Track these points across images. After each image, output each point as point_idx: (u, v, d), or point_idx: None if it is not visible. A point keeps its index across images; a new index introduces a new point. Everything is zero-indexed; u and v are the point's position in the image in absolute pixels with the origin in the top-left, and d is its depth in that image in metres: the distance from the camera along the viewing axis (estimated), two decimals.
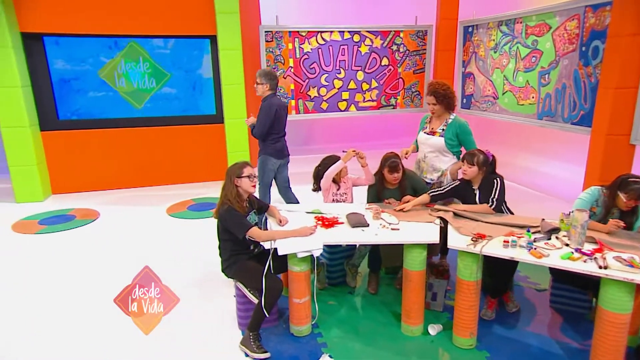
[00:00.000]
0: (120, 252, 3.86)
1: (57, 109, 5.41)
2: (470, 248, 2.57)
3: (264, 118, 3.89)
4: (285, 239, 2.69)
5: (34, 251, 3.89)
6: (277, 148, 4.01)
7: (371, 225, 2.91)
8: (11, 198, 5.28)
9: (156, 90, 5.67)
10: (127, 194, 5.58)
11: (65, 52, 5.28)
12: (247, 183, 2.77)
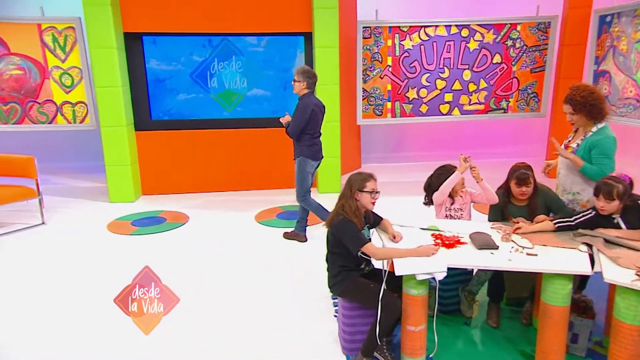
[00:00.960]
0: (210, 259, 4.07)
1: (151, 108, 5.93)
2: (636, 285, 2.33)
3: (299, 117, 4.01)
4: (403, 258, 2.66)
5: (128, 252, 4.23)
6: (314, 149, 4.15)
7: (501, 248, 2.77)
8: (105, 197, 5.83)
9: (247, 92, 5.98)
10: (215, 198, 5.89)
11: (161, 51, 5.76)
12: (368, 199, 2.77)
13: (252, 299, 3.37)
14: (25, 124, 5.78)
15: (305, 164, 4.14)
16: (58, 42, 5.53)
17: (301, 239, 4.43)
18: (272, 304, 3.31)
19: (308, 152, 4.13)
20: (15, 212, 5.22)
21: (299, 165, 4.16)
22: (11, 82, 5.59)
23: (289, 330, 3.01)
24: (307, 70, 4.10)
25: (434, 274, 2.61)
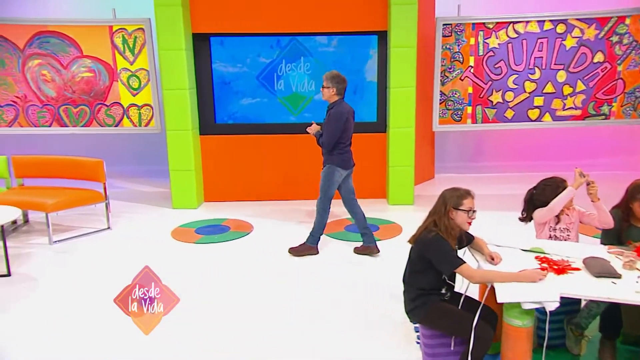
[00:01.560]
0: (276, 273, 4.04)
1: (216, 112, 6.09)
2: None
3: (335, 127, 4.06)
4: (505, 283, 2.48)
5: (193, 261, 4.31)
6: (345, 158, 4.17)
7: (624, 277, 2.51)
8: (168, 203, 6.02)
9: (315, 95, 5.99)
10: (279, 206, 5.92)
11: (228, 52, 5.89)
12: (464, 218, 2.63)
13: (323, 322, 3.28)
14: (93, 126, 6.11)
15: (334, 172, 4.19)
16: (127, 44, 5.82)
17: (373, 251, 4.34)
18: (342, 324, 3.21)
19: (339, 160, 4.17)
20: (81, 216, 5.51)
21: (327, 173, 4.20)
22: (82, 84, 5.95)
23: (363, 355, 2.90)
24: (337, 75, 4.13)
25: (543, 303, 2.41)
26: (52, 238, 4.68)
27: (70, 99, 5.98)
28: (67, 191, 4.97)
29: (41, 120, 6.03)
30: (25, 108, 5.99)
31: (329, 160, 4.18)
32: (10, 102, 5.96)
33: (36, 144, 7.13)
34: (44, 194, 4.82)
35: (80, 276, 3.99)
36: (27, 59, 5.83)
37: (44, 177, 5.26)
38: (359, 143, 5.99)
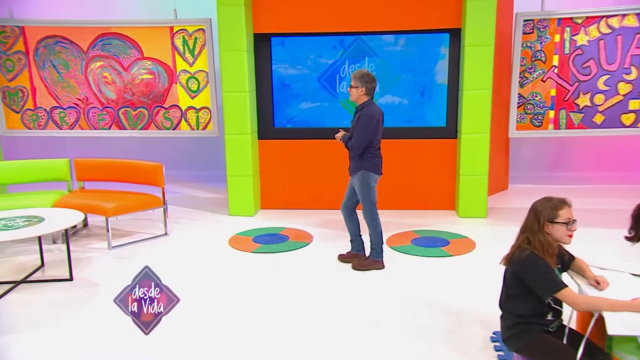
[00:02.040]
0: (335, 285, 3.93)
1: (275, 115, 6.11)
2: None
3: (366, 130, 4.00)
4: (616, 312, 2.25)
5: (251, 271, 4.28)
6: (377, 163, 4.13)
7: None
8: (224, 210, 6.07)
9: (379, 98, 5.86)
10: (339, 216, 5.70)
11: (289, 53, 5.88)
12: (563, 232, 2.40)
13: (394, 343, 3.13)
14: (150, 129, 6.30)
15: (368, 177, 4.12)
16: (187, 45, 5.95)
17: (379, 266, 4.28)
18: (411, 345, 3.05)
19: (371, 165, 4.11)
20: (138, 221, 5.65)
21: (362, 180, 4.13)
22: (141, 86, 6.14)
23: None
24: (366, 74, 4.05)
25: None
26: (111, 243, 4.81)
27: (129, 102, 6.19)
28: (127, 195, 5.09)
29: (101, 122, 6.27)
30: (86, 110, 6.26)
31: (361, 165, 4.12)
32: (72, 104, 6.25)
33: (93, 146, 7.45)
34: (104, 197, 4.96)
35: None
36: (90, 61, 6.09)
37: (104, 181, 5.44)
38: (426, 150, 5.86)
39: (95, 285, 3.99)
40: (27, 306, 3.65)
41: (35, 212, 4.25)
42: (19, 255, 4.62)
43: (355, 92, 4.07)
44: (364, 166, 4.10)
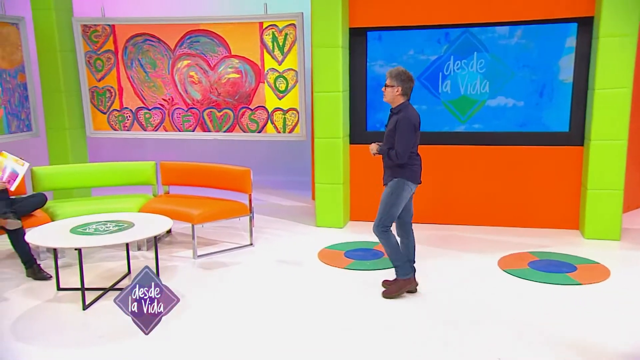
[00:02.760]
0: (437, 309, 3.69)
1: (367, 118, 5.93)
2: None
3: (409, 135, 3.84)
4: None
5: (344, 288, 4.13)
6: (416, 170, 3.99)
7: None
8: (311, 220, 5.96)
9: (488, 99, 5.51)
10: (443, 231, 5.55)
11: (386, 49, 5.68)
12: None
13: None
14: (235, 132, 6.37)
15: (404, 187, 3.92)
16: (277, 42, 5.94)
17: (411, 286, 3.99)
18: None
19: (410, 173, 3.93)
20: (222, 229, 5.67)
21: (395, 187, 3.93)
22: (228, 86, 6.21)
23: None
24: (403, 72, 3.90)
25: None
26: (196, 252, 4.86)
27: (214, 102, 6.29)
28: (213, 202, 5.13)
29: (185, 124, 6.42)
30: (171, 111, 6.43)
31: (399, 173, 3.92)
32: (157, 104, 6.45)
33: (172, 149, 7.70)
34: (190, 203, 5.01)
35: (228, 296, 4.02)
36: (177, 60, 6.25)
37: (188, 185, 5.53)
38: (545, 158, 5.41)
39: (182, 297, 3.98)
40: (115, 315, 3.67)
41: (124, 216, 4.35)
42: (106, 261, 4.76)
43: (391, 92, 3.93)
44: (402, 174, 3.91)
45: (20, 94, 6.24)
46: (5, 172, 4.57)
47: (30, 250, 4.32)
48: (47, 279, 4.22)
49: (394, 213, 3.94)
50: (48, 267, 4.43)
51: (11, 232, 4.20)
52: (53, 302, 3.92)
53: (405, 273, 3.98)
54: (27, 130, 6.39)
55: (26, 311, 3.72)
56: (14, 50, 6.08)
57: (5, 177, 4.54)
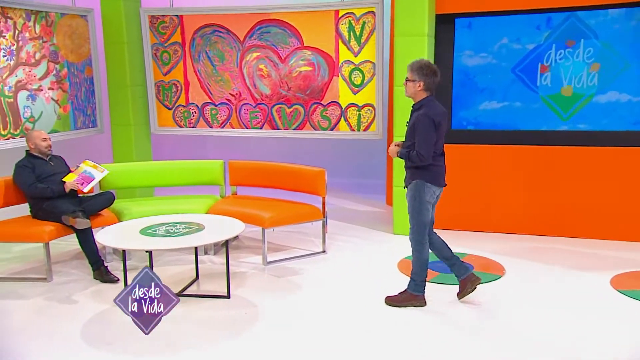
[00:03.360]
0: (536, 333, 3.43)
1: (453, 114, 5.69)
2: None
3: (429, 133, 3.74)
4: None
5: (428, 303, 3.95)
6: (438, 172, 3.91)
7: None
8: (387, 227, 5.82)
9: (596, 94, 5.16)
10: (544, 244, 5.27)
11: (477, 37, 5.46)
12: None
13: None
14: (305, 129, 6.31)
15: (423, 189, 3.85)
16: (354, 31, 5.80)
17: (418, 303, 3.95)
18: None
19: (430, 175, 3.85)
20: (292, 234, 5.61)
21: (415, 191, 3.88)
22: (299, 80, 6.15)
23: None
24: (426, 66, 3.82)
25: None
26: (266, 258, 4.82)
27: (284, 97, 6.25)
28: (284, 205, 5.09)
29: (253, 121, 6.44)
30: (238, 107, 6.47)
31: (418, 174, 3.86)
32: (224, 100, 6.50)
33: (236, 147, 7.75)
34: (260, 206, 4.99)
35: (301, 308, 3.95)
36: (246, 52, 6.26)
37: (257, 186, 5.51)
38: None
39: (254, 306, 3.96)
40: (184, 323, 3.71)
41: (193, 218, 4.37)
42: (172, 265, 4.81)
43: (412, 86, 3.83)
44: (421, 175, 3.84)
45: (87, 88, 6.48)
46: (80, 176, 4.71)
47: (98, 251, 4.43)
48: (115, 282, 4.30)
49: (423, 219, 3.90)
50: (114, 270, 4.52)
51: (80, 231, 4.32)
52: None
53: (417, 290, 3.97)
54: (93, 126, 6.62)
55: (95, 315, 3.79)
56: (82, 43, 6.31)
57: (79, 179, 4.67)
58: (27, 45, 5.58)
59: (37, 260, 4.84)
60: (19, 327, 3.67)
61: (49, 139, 4.69)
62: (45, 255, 4.37)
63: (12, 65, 5.43)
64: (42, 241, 4.31)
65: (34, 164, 4.53)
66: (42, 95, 5.81)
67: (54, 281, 4.37)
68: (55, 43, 5.94)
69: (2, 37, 5.31)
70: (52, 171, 4.59)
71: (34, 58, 5.67)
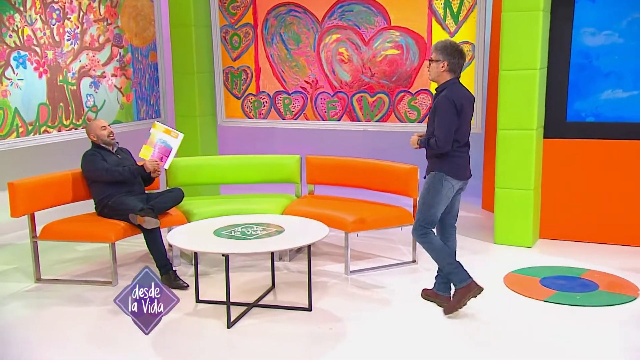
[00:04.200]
0: None
1: (568, 104, 5.36)
2: None
3: (449, 117, 3.80)
4: None
5: (547, 328, 3.74)
6: (458, 163, 3.96)
7: None
8: (487, 235, 5.59)
9: None
10: None
11: (601, 12, 5.17)
12: None
13: None
14: (390, 121, 6.13)
15: (441, 182, 3.89)
16: (451, 8, 5.58)
17: (442, 302, 4.03)
18: None
19: (449, 166, 3.90)
20: (375, 240, 5.47)
21: (432, 183, 3.93)
22: (384, 65, 5.98)
23: None
24: (450, 45, 3.89)
25: None
26: (349, 267, 4.70)
27: (367, 85, 6.09)
28: (369, 206, 4.97)
29: (330, 112, 6.33)
30: (314, 96, 6.39)
31: (435, 165, 3.94)
32: (299, 88, 6.43)
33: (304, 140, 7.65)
34: (342, 207, 4.89)
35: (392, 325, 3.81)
36: (325, 34, 6.17)
37: (336, 185, 5.40)
38: None
39: (339, 321, 3.85)
40: (263, 338, 3.67)
41: (270, 219, 4.33)
42: (245, 271, 4.77)
43: (436, 67, 3.89)
44: (440, 166, 3.90)
45: (151, 75, 6.62)
46: (156, 148, 4.74)
47: (167, 254, 4.45)
48: (184, 288, 4.30)
49: (433, 214, 3.95)
50: (182, 275, 4.54)
51: (148, 232, 4.34)
52: (193, 315, 3.99)
53: (461, 279, 3.88)
54: (156, 116, 6.74)
55: (165, 324, 3.74)
56: (147, 26, 6.45)
57: (156, 154, 4.70)
58: (91, 28, 5.74)
59: (100, 262, 4.94)
60: (85, 333, 3.74)
61: (109, 127, 4.75)
62: (111, 257, 4.42)
63: (75, 50, 5.59)
64: (109, 241, 4.37)
65: (102, 154, 4.62)
66: (105, 83, 5.98)
67: (119, 285, 4.40)
68: (120, 25, 6.10)
69: (67, 19, 5.48)
70: (120, 163, 4.64)
71: (97, 42, 5.84)
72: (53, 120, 5.44)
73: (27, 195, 4.39)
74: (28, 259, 4.63)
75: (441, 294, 4.10)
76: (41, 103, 5.33)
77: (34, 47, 5.22)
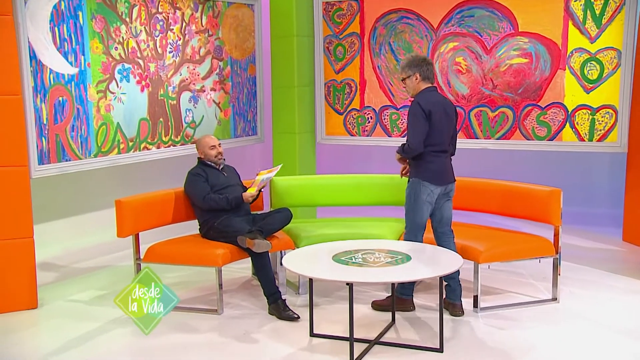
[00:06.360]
0: None
1: None
2: None
3: (414, 123, 4.23)
4: None
5: None
6: (436, 169, 4.30)
7: None
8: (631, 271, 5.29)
9: None
10: None
11: None
12: None
13: None
14: (514, 139, 5.86)
15: (419, 188, 4.28)
16: (592, 9, 5.33)
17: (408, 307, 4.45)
18: None
19: (424, 172, 4.28)
20: (505, 274, 5.18)
21: (411, 189, 4.35)
22: (508, 75, 5.76)
23: None
24: (412, 57, 4.38)
25: None
26: (480, 303, 4.44)
27: (488, 98, 5.88)
28: (502, 234, 4.81)
29: None
30: None
31: (413, 172, 4.36)
32: (408, 103, 6.07)
33: None
34: (470, 234, 4.69)
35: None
36: (440, 42, 6.03)
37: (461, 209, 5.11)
38: None
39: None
40: None
41: (390, 245, 4.19)
42: (362, 303, 4.56)
43: (410, 82, 4.31)
44: (416, 173, 4.31)
45: (249, 89, 6.65)
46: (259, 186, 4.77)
47: (275, 281, 4.37)
48: (295, 320, 4.19)
49: (418, 221, 4.33)
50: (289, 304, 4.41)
51: (257, 255, 4.29)
52: (307, 351, 3.85)
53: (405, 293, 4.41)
54: (252, 133, 6.77)
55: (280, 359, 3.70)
56: (247, 37, 6.51)
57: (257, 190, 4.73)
58: (192, 40, 5.85)
59: (202, 288, 4.93)
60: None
61: (218, 146, 4.81)
62: (217, 283, 4.38)
63: (177, 63, 5.72)
64: (216, 265, 4.33)
65: (207, 173, 4.66)
66: (204, 97, 6.07)
67: (225, 314, 4.37)
68: (220, 37, 6.18)
69: (170, 30, 5.61)
70: (225, 183, 4.68)
71: (198, 54, 5.94)
72: (153, 137, 5.56)
73: (133, 215, 4.46)
74: (128, 282, 4.66)
75: (452, 301, 4.39)
76: (142, 118, 5.47)
77: (137, 60, 5.36)
